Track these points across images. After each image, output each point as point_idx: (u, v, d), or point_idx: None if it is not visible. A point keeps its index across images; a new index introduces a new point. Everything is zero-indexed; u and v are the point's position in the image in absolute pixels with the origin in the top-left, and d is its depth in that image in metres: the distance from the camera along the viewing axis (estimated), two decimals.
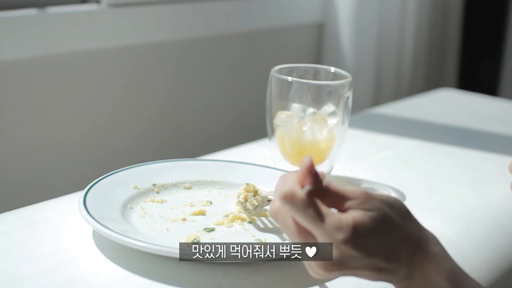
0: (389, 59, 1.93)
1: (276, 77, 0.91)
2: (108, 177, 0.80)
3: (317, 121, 0.90)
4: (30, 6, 1.23)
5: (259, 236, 0.74)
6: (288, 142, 0.91)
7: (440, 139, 1.17)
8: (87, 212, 0.70)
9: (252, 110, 1.64)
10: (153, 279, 0.65)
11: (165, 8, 1.41)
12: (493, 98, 1.55)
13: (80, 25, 1.27)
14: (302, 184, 0.57)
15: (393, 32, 1.92)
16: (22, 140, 1.25)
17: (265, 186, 0.85)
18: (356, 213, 0.56)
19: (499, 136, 1.24)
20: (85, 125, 1.34)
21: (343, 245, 0.55)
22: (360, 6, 1.75)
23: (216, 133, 1.60)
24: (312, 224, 0.55)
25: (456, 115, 1.35)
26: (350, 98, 0.91)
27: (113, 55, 1.35)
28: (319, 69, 0.96)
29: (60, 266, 0.67)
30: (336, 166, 0.95)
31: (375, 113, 1.34)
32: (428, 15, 2.08)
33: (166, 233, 0.73)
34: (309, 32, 1.78)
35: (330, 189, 0.57)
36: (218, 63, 1.57)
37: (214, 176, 0.87)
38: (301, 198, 0.55)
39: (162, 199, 0.81)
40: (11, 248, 0.70)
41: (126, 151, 1.41)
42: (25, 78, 1.23)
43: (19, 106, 1.23)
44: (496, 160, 1.09)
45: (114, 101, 1.38)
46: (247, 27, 1.60)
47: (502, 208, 0.92)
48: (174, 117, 1.50)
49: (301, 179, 0.57)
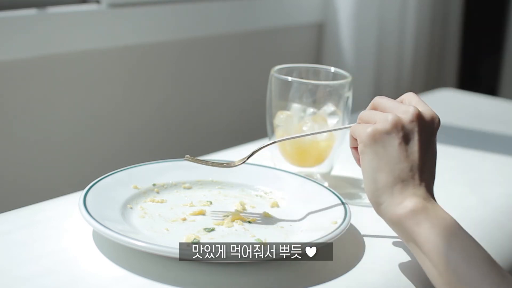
0: (389, 59, 1.93)
1: (276, 77, 0.91)
2: (108, 177, 0.80)
3: (317, 121, 0.90)
4: (30, 6, 1.23)
5: (259, 236, 0.74)
6: (288, 142, 0.91)
7: (440, 139, 1.17)
8: (87, 212, 0.70)
9: (252, 110, 1.64)
10: (153, 279, 0.65)
11: (165, 8, 1.41)
12: (493, 98, 1.55)
13: (80, 25, 1.27)
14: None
15: (393, 32, 1.92)
16: (22, 140, 1.25)
17: (265, 186, 0.85)
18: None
19: (499, 136, 1.24)
20: (85, 125, 1.34)
21: (410, 118, 0.69)
22: (360, 6, 1.75)
23: (216, 133, 1.60)
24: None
25: (456, 115, 1.35)
26: (350, 98, 0.91)
27: (113, 55, 1.35)
28: (319, 69, 0.96)
29: (60, 266, 0.67)
30: (336, 166, 0.95)
31: None
32: (428, 15, 2.08)
33: (166, 233, 0.73)
34: (309, 32, 1.78)
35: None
36: (218, 63, 1.57)
37: (214, 176, 0.87)
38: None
39: (162, 199, 0.81)
40: (11, 248, 0.70)
41: (126, 151, 1.41)
42: (25, 78, 1.23)
43: (19, 106, 1.23)
44: (496, 160, 1.09)
45: (114, 101, 1.38)
46: (247, 27, 1.60)
47: (502, 208, 0.92)
48: (174, 117, 1.50)
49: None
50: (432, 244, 0.64)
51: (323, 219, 0.76)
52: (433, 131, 0.71)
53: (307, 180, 0.85)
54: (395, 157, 0.68)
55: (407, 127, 0.69)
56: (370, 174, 0.69)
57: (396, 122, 0.68)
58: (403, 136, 0.68)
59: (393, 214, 0.67)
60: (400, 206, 0.67)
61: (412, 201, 0.66)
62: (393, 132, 0.68)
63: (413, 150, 0.68)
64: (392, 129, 0.68)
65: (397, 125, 0.68)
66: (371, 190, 0.69)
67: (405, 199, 0.67)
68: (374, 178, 0.69)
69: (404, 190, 0.67)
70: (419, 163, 0.68)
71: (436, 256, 0.63)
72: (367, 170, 0.69)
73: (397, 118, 0.69)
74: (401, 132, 0.68)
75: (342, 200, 0.79)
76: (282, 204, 0.83)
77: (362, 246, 0.75)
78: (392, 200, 0.67)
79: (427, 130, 0.70)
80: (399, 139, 0.68)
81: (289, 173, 0.88)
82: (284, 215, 0.80)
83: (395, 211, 0.67)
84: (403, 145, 0.68)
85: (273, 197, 0.84)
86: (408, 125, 0.69)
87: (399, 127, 0.68)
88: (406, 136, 0.68)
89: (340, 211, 0.76)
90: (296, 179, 0.86)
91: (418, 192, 0.67)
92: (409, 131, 0.68)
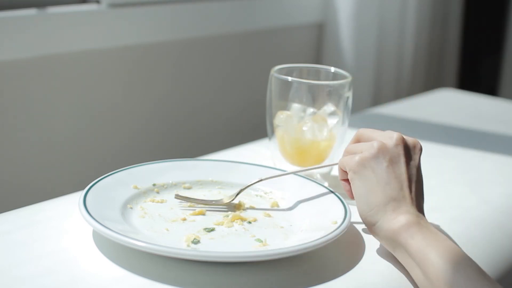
0: (389, 59, 1.93)
1: (276, 77, 0.91)
2: (108, 177, 0.80)
3: (317, 121, 0.90)
4: (30, 6, 1.23)
5: (259, 236, 0.74)
6: (288, 142, 0.91)
7: (440, 139, 1.17)
8: (87, 212, 0.70)
9: (252, 110, 1.64)
10: (153, 279, 0.65)
11: (165, 8, 1.41)
12: (493, 98, 1.55)
13: (80, 25, 1.27)
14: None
15: (393, 32, 1.92)
16: (22, 140, 1.25)
17: (264, 186, 0.85)
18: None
19: (499, 136, 1.24)
20: (85, 125, 1.34)
21: (394, 143, 0.72)
22: (360, 6, 1.75)
23: (216, 133, 1.60)
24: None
25: (456, 115, 1.35)
26: (350, 98, 0.91)
27: (113, 55, 1.35)
28: (319, 69, 0.96)
29: (60, 266, 0.67)
30: (336, 166, 0.95)
31: (375, 113, 1.34)
32: (428, 15, 2.08)
33: (166, 233, 0.73)
34: (309, 32, 1.78)
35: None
36: (218, 63, 1.57)
37: (214, 176, 0.87)
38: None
39: (162, 199, 0.81)
40: (11, 248, 0.70)
41: (126, 151, 1.41)
42: (25, 78, 1.23)
43: (19, 106, 1.23)
44: (495, 160, 1.09)
45: (114, 101, 1.38)
46: (247, 27, 1.60)
47: (501, 208, 0.92)
48: (174, 117, 1.50)
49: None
50: (422, 254, 0.66)
51: (323, 219, 0.76)
52: (417, 155, 0.74)
53: (307, 180, 0.85)
54: (385, 178, 0.71)
55: (393, 150, 0.72)
56: (362, 197, 0.72)
57: (381, 147, 0.72)
58: (390, 159, 0.72)
59: (388, 229, 0.69)
60: (394, 221, 0.69)
61: (406, 217, 0.69)
62: (379, 157, 0.72)
63: (401, 171, 0.72)
64: (379, 153, 0.72)
65: (383, 149, 0.72)
66: (364, 212, 0.72)
67: (398, 215, 0.69)
68: (366, 201, 0.71)
69: (397, 208, 0.70)
70: (408, 183, 0.72)
71: (426, 265, 0.65)
72: (359, 194, 0.72)
73: (382, 144, 0.72)
74: (387, 156, 0.72)
75: (342, 200, 0.79)
76: (282, 204, 0.83)
77: (362, 246, 0.75)
78: (386, 217, 0.70)
79: (411, 153, 0.73)
80: (386, 162, 0.71)
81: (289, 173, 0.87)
82: (284, 215, 0.80)
83: (390, 226, 0.69)
84: (390, 167, 0.72)
85: (273, 197, 0.84)
86: (393, 149, 0.72)
87: (385, 151, 0.72)
88: (393, 159, 0.72)
89: (340, 211, 0.76)
90: (296, 179, 0.86)
91: (411, 210, 0.70)
92: (395, 154, 0.72)
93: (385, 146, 0.72)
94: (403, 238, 0.68)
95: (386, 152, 0.72)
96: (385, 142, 0.73)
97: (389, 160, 0.72)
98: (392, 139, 0.73)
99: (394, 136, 0.73)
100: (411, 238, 0.67)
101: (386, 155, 0.72)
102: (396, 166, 0.72)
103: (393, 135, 0.73)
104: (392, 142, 0.73)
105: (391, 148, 0.72)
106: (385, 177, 0.71)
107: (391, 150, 0.72)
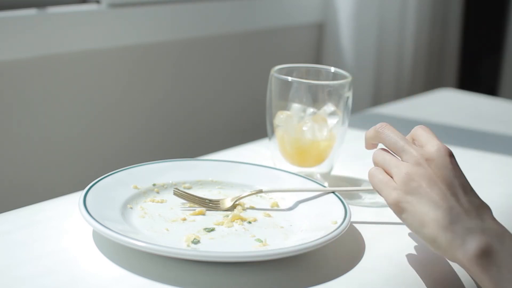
0: (389, 59, 1.93)
1: (276, 77, 0.91)
2: (108, 177, 0.80)
3: (317, 121, 0.90)
4: (30, 6, 1.23)
5: (259, 236, 0.74)
6: (288, 142, 0.91)
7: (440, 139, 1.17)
8: (87, 212, 0.70)
9: (252, 110, 1.64)
10: (153, 279, 0.65)
11: (165, 8, 1.41)
12: (493, 98, 1.55)
13: (80, 25, 1.27)
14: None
15: (393, 32, 1.92)
16: (22, 140, 1.25)
17: (265, 186, 0.85)
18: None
19: (499, 136, 1.24)
20: (85, 125, 1.34)
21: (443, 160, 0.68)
22: (360, 6, 1.75)
23: (216, 133, 1.60)
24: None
25: (456, 115, 1.35)
26: (350, 98, 0.91)
27: (113, 55, 1.35)
28: (319, 69, 0.96)
29: (60, 266, 0.67)
30: (336, 166, 0.95)
31: (375, 113, 1.34)
32: (428, 15, 2.08)
33: (166, 233, 0.73)
34: (309, 32, 1.78)
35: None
36: (218, 63, 1.57)
37: (214, 176, 0.87)
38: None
39: (162, 199, 0.81)
40: (11, 248, 0.70)
41: (126, 151, 1.41)
42: (25, 78, 1.23)
43: (19, 106, 1.23)
44: (496, 160, 1.09)
45: (114, 101, 1.38)
46: (247, 27, 1.60)
47: (501, 208, 0.92)
48: (174, 117, 1.50)
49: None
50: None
51: (323, 219, 0.76)
52: (447, 163, 0.68)
53: (307, 180, 0.85)
54: (427, 211, 0.64)
55: (422, 177, 0.66)
56: (418, 233, 0.66)
57: (409, 179, 0.66)
58: (425, 186, 0.65)
59: (456, 260, 0.63)
60: (461, 249, 0.62)
61: (473, 243, 0.62)
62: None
63: (443, 191, 0.65)
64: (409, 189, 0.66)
65: (411, 179, 0.66)
66: (428, 242, 0.65)
67: (464, 241, 0.62)
68: (423, 235, 0.65)
69: (457, 229, 0.63)
70: (455, 198, 0.65)
71: None
72: (413, 230, 0.66)
73: (409, 175, 0.66)
74: (422, 183, 0.66)
75: (342, 200, 0.79)
76: (282, 204, 0.83)
77: (362, 246, 0.75)
78: (451, 243, 0.63)
79: (441, 165, 0.67)
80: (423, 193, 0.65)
81: (289, 173, 0.88)
82: (284, 215, 0.80)
83: (457, 257, 0.63)
84: (429, 194, 0.65)
85: (273, 197, 0.84)
86: (422, 176, 0.66)
87: (414, 181, 0.66)
88: (428, 184, 0.66)
89: (340, 211, 0.76)
90: (296, 179, 0.86)
91: (473, 227, 0.63)
92: (427, 178, 0.66)
93: (412, 176, 0.66)
94: (475, 271, 0.61)
95: (416, 180, 0.66)
96: (410, 172, 0.67)
97: (425, 188, 0.66)
98: (418, 166, 0.67)
99: (416, 159, 0.68)
100: (483, 272, 0.61)
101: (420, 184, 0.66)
102: (434, 190, 0.65)
103: (415, 158, 0.68)
104: (419, 169, 0.67)
105: (420, 176, 0.67)
106: (427, 210, 0.64)
107: (421, 178, 0.67)
